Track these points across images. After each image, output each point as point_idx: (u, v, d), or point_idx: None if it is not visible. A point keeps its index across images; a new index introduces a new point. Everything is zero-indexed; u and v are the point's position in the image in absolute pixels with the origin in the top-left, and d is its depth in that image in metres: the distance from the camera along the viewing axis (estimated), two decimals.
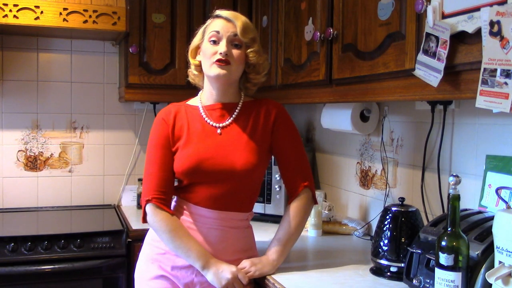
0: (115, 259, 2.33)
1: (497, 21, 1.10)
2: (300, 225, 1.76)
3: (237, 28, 1.67)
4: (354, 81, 1.72)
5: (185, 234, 1.67)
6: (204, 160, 1.67)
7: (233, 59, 1.67)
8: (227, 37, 1.67)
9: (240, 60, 1.69)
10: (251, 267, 1.66)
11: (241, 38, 1.67)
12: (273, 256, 1.70)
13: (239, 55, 1.68)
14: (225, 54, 1.65)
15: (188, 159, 1.68)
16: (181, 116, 1.76)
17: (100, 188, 2.97)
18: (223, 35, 1.67)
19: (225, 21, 1.69)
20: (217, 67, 1.67)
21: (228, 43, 1.67)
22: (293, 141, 1.78)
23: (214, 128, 1.74)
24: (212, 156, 1.68)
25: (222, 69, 1.66)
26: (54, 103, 2.88)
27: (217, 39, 1.68)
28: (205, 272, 1.64)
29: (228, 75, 1.68)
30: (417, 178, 1.98)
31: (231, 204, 1.71)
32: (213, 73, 1.68)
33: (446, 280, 1.29)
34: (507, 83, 1.10)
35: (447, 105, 1.79)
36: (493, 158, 1.59)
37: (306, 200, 1.76)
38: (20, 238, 2.24)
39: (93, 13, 2.47)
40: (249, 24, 1.71)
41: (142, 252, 1.81)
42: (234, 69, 1.69)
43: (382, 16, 1.55)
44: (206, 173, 1.68)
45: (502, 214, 1.23)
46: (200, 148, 1.70)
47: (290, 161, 1.77)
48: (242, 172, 1.67)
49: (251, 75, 1.76)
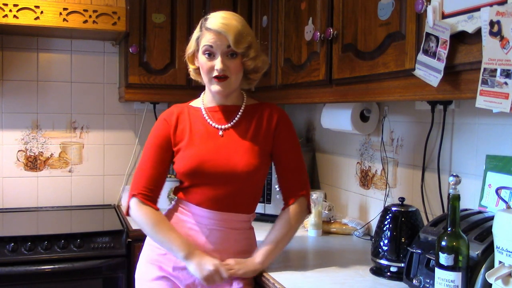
0: (115, 259, 2.33)
1: (497, 21, 1.10)
2: (291, 231, 1.76)
3: (230, 41, 1.63)
4: (354, 81, 1.72)
5: (168, 227, 1.69)
6: (205, 162, 1.68)
7: (230, 72, 1.67)
8: (221, 51, 1.64)
9: (238, 70, 1.69)
10: (235, 265, 1.65)
11: (235, 49, 1.64)
12: (259, 259, 1.69)
13: (236, 66, 1.67)
14: (221, 71, 1.65)
15: (190, 161, 1.69)
16: (183, 117, 1.77)
17: (100, 188, 2.97)
18: (216, 49, 1.65)
19: (216, 34, 1.63)
20: (216, 84, 1.68)
21: (223, 56, 1.65)
22: (293, 148, 1.78)
23: (216, 130, 1.74)
24: (214, 158, 1.68)
25: (221, 86, 1.67)
26: (54, 103, 2.88)
27: (211, 53, 1.66)
28: (187, 263, 1.64)
29: (228, 88, 1.69)
30: (417, 178, 1.98)
31: (232, 206, 1.71)
32: (214, 89, 1.69)
33: (446, 280, 1.29)
34: (507, 83, 1.09)
35: (447, 105, 1.79)
36: (493, 158, 1.59)
37: (301, 208, 1.77)
38: (20, 238, 2.24)
39: (93, 13, 2.47)
40: (242, 31, 1.65)
41: (143, 253, 1.81)
42: (233, 80, 1.69)
43: (382, 16, 1.55)
44: (207, 174, 1.68)
45: (502, 214, 1.23)
46: (201, 149, 1.70)
47: (289, 168, 1.77)
48: (243, 174, 1.67)
49: (251, 75, 1.77)
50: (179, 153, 1.73)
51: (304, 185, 1.78)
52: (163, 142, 1.73)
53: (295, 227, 1.77)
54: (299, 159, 1.79)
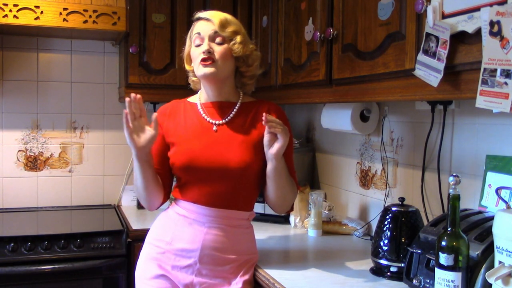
0: (115, 259, 2.33)
1: (497, 21, 1.10)
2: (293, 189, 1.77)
3: (215, 25, 1.69)
4: (354, 81, 1.72)
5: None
6: (198, 157, 1.69)
7: (217, 56, 1.69)
8: (208, 36, 1.70)
9: (225, 56, 1.70)
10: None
11: (221, 33, 1.69)
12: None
13: (222, 51, 1.70)
14: (207, 52, 1.68)
15: (182, 155, 1.71)
16: (178, 111, 1.80)
17: (100, 188, 2.97)
18: (204, 35, 1.70)
19: (204, 22, 1.72)
20: (203, 67, 1.69)
21: (210, 41, 1.70)
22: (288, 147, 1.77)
23: (210, 125, 1.75)
24: (207, 153, 1.69)
25: (207, 68, 1.68)
26: (54, 103, 2.88)
27: (200, 41, 1.71)
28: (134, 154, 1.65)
29: (215, 72, 1.70)
30: (417, 178, 1.98)
31: (229, 202, 1.71)
32: (200, 72, 1.71)
33: (446, 280, 1.29)
34: (507, 83, 1.10)
35: (447, 105, 1.79)
36: (493, 158, 1.59)
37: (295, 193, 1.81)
38: (20, 238, 2.23)
39: (93, 13, 2.47)
40: (228, 19, 1.73)
41: (143, 251, 1.82)
42: (220, 65, 1.69)
43: (382, 16, 1.55)
44: (200, 169, 1.69)
45: (502, 214, 1.23)
46: (194, 145, 1.71)
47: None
48: (236, 170, 1.68)
49: (242, 69, 1.77)
50: (173, 148, 1.75)
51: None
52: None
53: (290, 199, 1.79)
54: (289, 159, 1.78)
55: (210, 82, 1.74)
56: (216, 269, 1.69)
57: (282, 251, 2.06)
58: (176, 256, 1.70)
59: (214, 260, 1.69)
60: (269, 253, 1.96)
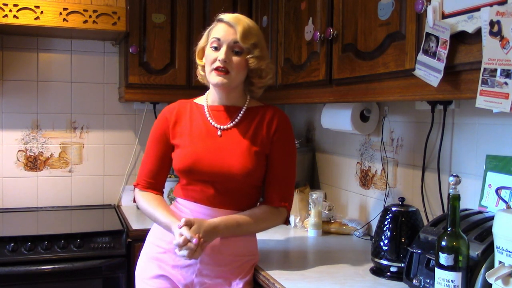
0: (115, 259, 2.33)
1: (497, 21, 1.10)
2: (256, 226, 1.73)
3: (237, 34, 1.66)
4: (354, 81, 1.72)
5: (160, 204, 1.73)
6: (200, 161, 1.69)
7: (232, 67, 1.68)
8: (227, 44, 1.67)
9: (240, 67, 1.69)
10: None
11: (242, 44, 1.67)
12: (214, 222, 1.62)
13: (239, 62, 1.68)
14: (223, 62, 1.66)
15: (185, 158, 1.71)
16: (185, 113, 1.79)
17: (100, 188, 2.97)
18: (223, 42, 1.68)
19: (226, 26, 1.69)
20: (216, 75, 1.69)
21: (228, 50, 1.67)
22: (286, 158, 1.77)
23: (215, 129, 1.75)
24: (209, 157, 1.69)
25: (220, 78, 1.68)
26: (54, 103, 2.88)
27: (218, 46, 1.69)
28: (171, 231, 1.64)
29: (228, 83, 1.70)
30: (417, 178, 1.98)
31: (230, 204, 1.72)
32: (212, 80, 1.71)
33: (446, 280, 1.29)
34: (507, 83, 1.10)
35: (447, 105, 1.79)
36: (493, 158, 1.59)
37: (279, 216, 1.77)
38: (20, 238, 2.23)
39: (93, 13, 2.47)
40: (251, 28, 1.70)
41: (143, 251, 1.82)
42: (233, 77, 1.69)
43: (382, 16, 1.55)
44: (202, 173, 1.69)
45: (502, 214, 1.23)
46: (198, 148, 1.71)
47: (276, 178, 1.76)
48: (237, 176, 1.68)
49: (254, 80, 1.76)
50: (177, 150, 1.76)
51: (287, 198, 1.77)
52: (161, 137, 1.79)
53: (262, 227, 1.76)
54: (289, 170, 1.78)
55: (220, 89, 1.74)
56: (216, 269, 1.69)
57: (282, 251, 2.06)
58: (176, 255, 1.70)
59: (214, 260, 1.69)
60: (269, 252, 1.96)
